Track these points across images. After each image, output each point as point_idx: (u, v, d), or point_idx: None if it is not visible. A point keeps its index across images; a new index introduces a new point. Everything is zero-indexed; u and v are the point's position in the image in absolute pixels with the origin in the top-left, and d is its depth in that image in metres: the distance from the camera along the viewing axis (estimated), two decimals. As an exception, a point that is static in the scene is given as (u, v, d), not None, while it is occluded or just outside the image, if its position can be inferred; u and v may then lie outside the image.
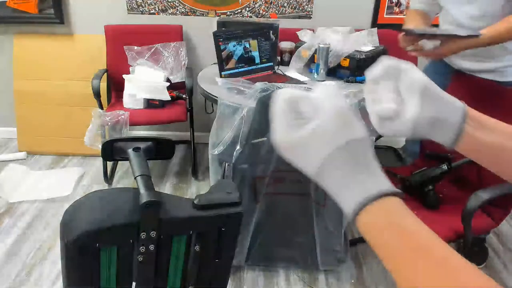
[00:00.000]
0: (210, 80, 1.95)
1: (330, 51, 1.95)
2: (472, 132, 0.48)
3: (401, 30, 1.44)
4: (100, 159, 2.58)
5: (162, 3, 2.68)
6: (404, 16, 2.57)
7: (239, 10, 2.71)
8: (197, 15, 2.73)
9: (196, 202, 0.74)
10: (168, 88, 2.48)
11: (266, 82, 1.68)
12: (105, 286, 0.74)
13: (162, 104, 2.48)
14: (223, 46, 1.99)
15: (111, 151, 0.82)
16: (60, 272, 1.69)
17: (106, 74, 2.63)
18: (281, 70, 2.14)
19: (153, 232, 0.71)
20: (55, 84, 2.73)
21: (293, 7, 2.70)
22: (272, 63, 2.14)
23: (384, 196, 0.39)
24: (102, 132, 2.36)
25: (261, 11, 2.71)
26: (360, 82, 1.93)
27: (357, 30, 2.16)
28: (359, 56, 1.94)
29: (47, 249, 2.01)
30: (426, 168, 1.63)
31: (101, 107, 2.44)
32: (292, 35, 2.26)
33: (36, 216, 2.23)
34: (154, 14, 2.72)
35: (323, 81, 1.97)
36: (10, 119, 2.88)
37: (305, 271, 1.90)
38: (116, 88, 2.67)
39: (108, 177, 2.54)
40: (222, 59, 1.99)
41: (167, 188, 2.56)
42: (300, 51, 2.10)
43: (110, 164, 2.62)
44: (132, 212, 0.69)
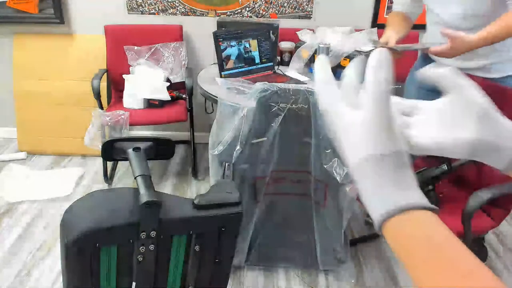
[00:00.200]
0: (210, 80, 1.95)
1: (330, 51, 1.95)
2: None
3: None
4: (100, 159, 2.58)
5: (162, 3, 2.68)
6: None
7: (239, 10, 2.71)
8: (197, 15, 2.73)
9: (196, 202, 0.74)
10: (168, 88, 2.48)
11: (266, 82, 1.68)
12: (105, 286, 0.74)
13: (162, 104, 2.48)
14: (223, 46, 1.99)
15: (111, 151, 0.82)
16: (60, 272, 1.69)
17: (106, 74, 2.63)
18: (281, 70, 2.14)
19: (153, 232, 0.71)
20: (55, 84, 2.73)
21: (293, 7, 2.69)
22: (272, 63, 2.14)
23: (418, 209, 0.39)
24: (102, 132, 2.36)
25: (261, 11, 2.71)
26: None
27: (357, 30, 2.16)
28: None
29: (47, 249, 2.00)
30: (426, 168, 1.62)
31: (101, 107, 2.44)
32: (292, 35, 2.26)
33: (36, 216, 2.22)
34: (154, 14, 2.72)
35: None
36: (10, 119, 2.88)
37: (305, 271, 1.90)
38: (116, 88, 2.67)
39: (108, 177, 2.54)
40: (222, 59, 1.99)
41: (167, 188, 2.55)
42: (300, 51, 2.10)
43: (110, 164, 2.62)
44: (132, 212, 0.69)
